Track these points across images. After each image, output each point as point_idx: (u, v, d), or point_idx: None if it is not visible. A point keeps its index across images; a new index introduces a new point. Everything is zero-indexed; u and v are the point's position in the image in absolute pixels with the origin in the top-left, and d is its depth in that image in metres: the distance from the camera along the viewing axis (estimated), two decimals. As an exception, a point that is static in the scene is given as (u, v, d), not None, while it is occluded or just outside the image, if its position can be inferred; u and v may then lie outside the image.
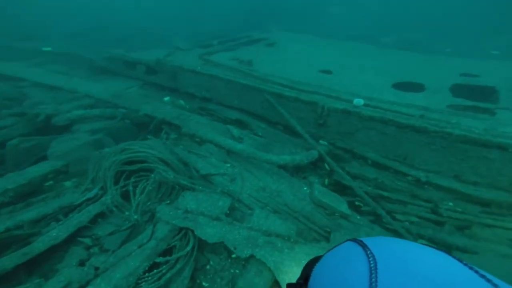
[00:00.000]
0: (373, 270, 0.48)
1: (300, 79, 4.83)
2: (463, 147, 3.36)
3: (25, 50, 7.56)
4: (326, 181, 3.74)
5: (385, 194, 3.52)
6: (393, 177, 3.75)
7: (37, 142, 4.06)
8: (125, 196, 3.40)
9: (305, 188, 3.57)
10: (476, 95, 4.44)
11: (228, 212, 3.18)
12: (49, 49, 7.40)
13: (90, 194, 3.22)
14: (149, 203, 3.36)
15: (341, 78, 4.94)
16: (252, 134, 4.63)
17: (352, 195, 3.53)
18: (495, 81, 4.67)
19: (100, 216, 3.14)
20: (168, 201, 3.41)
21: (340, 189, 3.63)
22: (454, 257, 0.51)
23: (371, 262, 0.50)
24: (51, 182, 3.44)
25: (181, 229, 2.95)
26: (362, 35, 8.56)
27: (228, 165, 3.90)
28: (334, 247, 0.64)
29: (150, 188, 3.38)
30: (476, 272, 0.47)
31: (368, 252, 0.53)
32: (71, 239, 2.81)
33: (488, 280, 0.45)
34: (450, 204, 3.32)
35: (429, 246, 0.56)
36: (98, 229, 2.98)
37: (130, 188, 3.37)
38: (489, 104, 4.09)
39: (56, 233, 2.73)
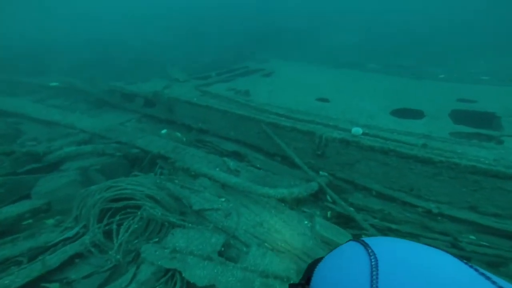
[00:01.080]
0: (374, 268, 0.48)
1: (297, 108, 4.76)
2: (473, 178, 3.12)
3: (31, 85, 7.73)
4: (329, 213, 3.46)
5: (394, 226, 3.21)
6: (401, 208, 3.46)
7: (20, 181, 3.84)
8: (110, 235, 3.11)
9: (305, 222, 3.28)
10: (478, 121, 4.32)
11: (222, 249, 2.88)
12: (56, 84, 7.60)
13: (70, 233, 2.93)
14: (135, 241, 3.06)
15: (338, 106, 4.87)
16: (250, 166, 4.44)
17: (358, 228, 3.22)
18: (494, 107, 4.58)
19: (79, 256, 2.82)
20: (157, 239, 3.12)
21: (344, 221, 3.34)
22: (456, 257, 0.51)
23: (372, 260, 0.50)
24: (29, 221, 3.17)
25: (167, 270, 2.63)
26: (349, 62, 8.72)
27: (223, 199, 3.65)
28: (337, 247, 0.64)
29: (136, 226, 3.10)
30: (482, 274, 0.46)
31: (370, 250, 0.53)
32: (34, 285, 2.46)
33: (494, 283, 0.43)
34: (472, 237, 2.99)
35: (431, 246, 0.55)
36: (74, 271, 2.64)
37: (114, 226, 3.10)
38: (494, 132, 3.94)
39: (11, 279, 2.37)
